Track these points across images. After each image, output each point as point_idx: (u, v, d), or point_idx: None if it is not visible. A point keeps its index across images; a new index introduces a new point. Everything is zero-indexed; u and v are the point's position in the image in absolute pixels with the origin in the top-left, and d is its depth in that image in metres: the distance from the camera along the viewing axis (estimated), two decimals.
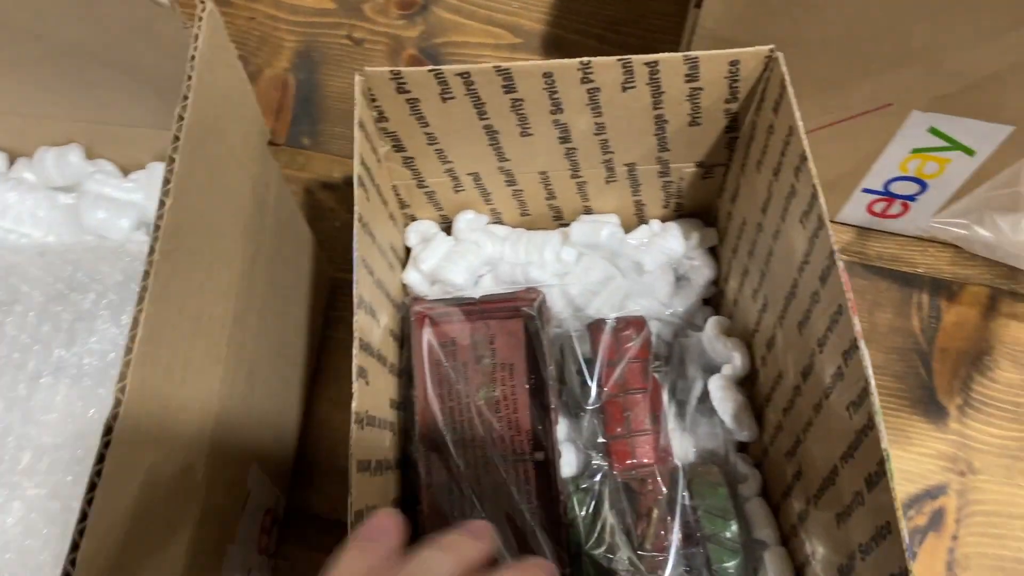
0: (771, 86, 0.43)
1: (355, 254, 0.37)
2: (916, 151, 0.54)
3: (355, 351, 0.36)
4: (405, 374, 0.49)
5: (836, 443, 0.38)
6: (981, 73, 0.47)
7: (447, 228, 0.55)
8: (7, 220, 0.47)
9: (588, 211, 0.55)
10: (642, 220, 0.56)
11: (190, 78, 0.33)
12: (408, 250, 0.55)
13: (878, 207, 0.61)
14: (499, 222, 0.56)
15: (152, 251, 0.30)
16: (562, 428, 0.50)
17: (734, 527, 0.45)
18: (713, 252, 0.56)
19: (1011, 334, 0.61)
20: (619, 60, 0.42)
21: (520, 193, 0.53)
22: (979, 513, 0.56)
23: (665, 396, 0.51)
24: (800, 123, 0.40)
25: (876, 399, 0.34)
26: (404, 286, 0.53)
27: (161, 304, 0.31)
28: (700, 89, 0.44)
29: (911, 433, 0.59)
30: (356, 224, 0.38)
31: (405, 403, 0.49)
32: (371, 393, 0.39)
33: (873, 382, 0.35)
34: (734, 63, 0.42)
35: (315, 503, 0.57)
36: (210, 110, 0.35)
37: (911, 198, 0.59)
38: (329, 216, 0.67)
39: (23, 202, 0.48)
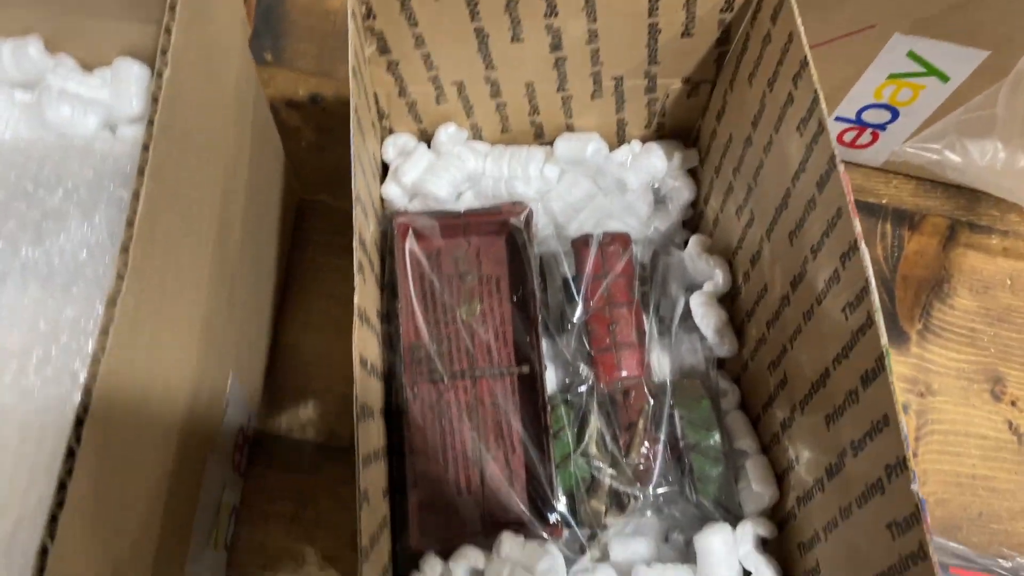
0: None
1: (352, 149, 0.36)
2: (893, 76, 0.55)
3: (355, 246, 0.34)
4: (388, 287, 0.48)
5: (828, 346, 0.39)
6: None
7: (426, 143, 0.54)
8: None
9: (570, 129, 0.54)
10: (623, 141, 0.56)
11: None
12: (384, 166, 0.53)
13: (848, 136, 0.62)
14: (479, 139, 0.55)
15: (151, 123, 0.28)
16: (544, 346, 0.50)
17: (717, 437, 0.46)
18: (692, 175, 0.56)
19: (969, 263, 0.63)
20: None
21: (503, 107, 0.51)
22: (937, 432, 0.58)
23: (646, 315, 0.51)
24: (801, 28, 0.40)
25: (876, 297, 0.35)
26: (383, 201, 0.52)
27: (158, 183, 0.30)
28: None
29: None
30: (352, 118, 0.37)
31: (389, 316, 0.48)
32: (366, 293, 0.38)
33: (873, 281, 0.35)
34: None
35: (282, 425, 0.55)
36: None
37: (882, 127, 0.60)
38: (295, 135, 0.64)
39: None
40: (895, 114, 0.59)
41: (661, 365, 0.51)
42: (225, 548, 0.50)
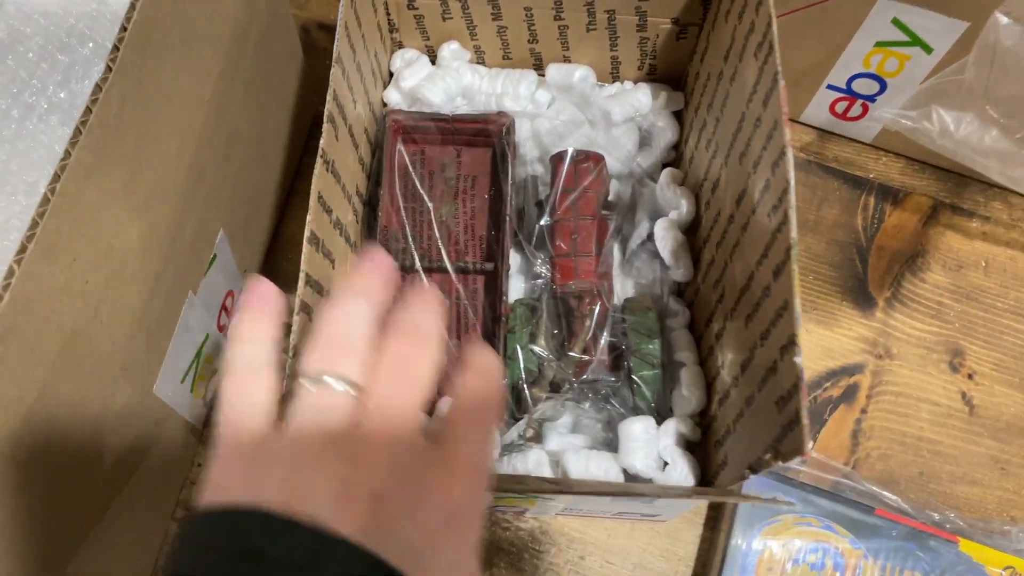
0: None
1: (340, 15, 0.40)
2: (879, 44, 0.58)
3: (328, 99, 0.39)
4: (374, 176, 0.52)
5: (756, 250, 0.42)
6: None
7: (433, 60, 0.58)
8: None
9: (567, 62, 0.58)
10: (617, 80, 0.59)
11: None
12: (392, 76, 0.58)
13: (840, 107, 0.65)
14: (481, 64, 0.59)
15: None
16: (515, 263, 0.54)
17: (657, 344, 0.49)
18: (678, 118, 0.59)
19: (946, 242, 0.65)
20: None
21: (504, 31, 0.56)
22: (890, 393, 0.60)
23: (616, 247, 0.55)
24: None
25: (793, 197, 0.38)
26: (384, 105, 0.56)
27: (155, 6, 0.34)
28: None
29: (839, 316, 0.63)
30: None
31: (371, 201, 0.52)
32: (336, 147, 0.42)
33: (793, 182, 0.38)
34: None
35: None
36: None
37: (871, 99, 0.63)
38: (321, 55, 0.69)
39: None
40: (883, 85, 0.61)
41: (624, 288, 0.54)
42: (205, 405, 0.55)
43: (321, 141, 0.38)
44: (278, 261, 0.61)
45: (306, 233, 0.36)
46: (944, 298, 0.63)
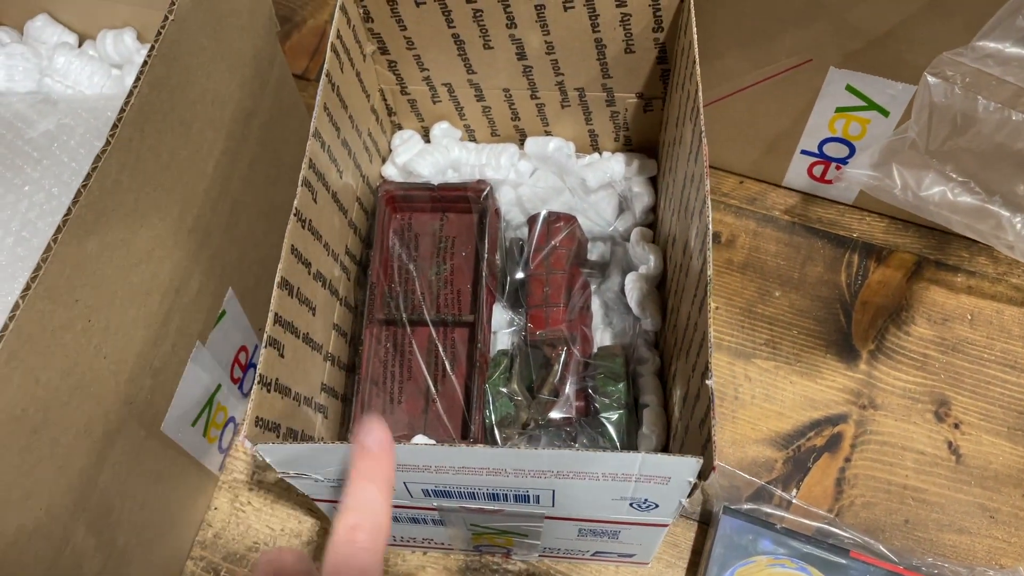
0: (688, 14, 0.51)
1: (318, 98, 0.47)
2: (840, 110, 0.62)
3: (303, 165, 0.45)
4: (366, 241, 0.58)
5: (691, 292, 0.46)
6: (880, 29, 0.54)
7: (428, 139, 0.65)
8: (69, 79, 0.59)
9: (549, 135, 0.64)
10: (596, 150, 0.65)
11: None
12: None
13: (817, 171, 0.68)
14: (472, 140, 0.65)
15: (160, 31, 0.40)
16: (501, 318, 0.59)
17: (622, 387, 0.52)
18: (653, 184, 0.64)
19: (930, 296, 0.67)
20: None
21: (488, 111, 0.62)
22: (874, 442, 0.62)
23: (596, 301, 0.59)
24: (695, 35, 0.48)
25: (711, 238, 0.42)
26: (382, 178, 0.63)
27: (155, 91, 0.41)
28: (629, 15, 0.53)
29: (822, 368, 0.65)
30: (323, 80, 0.48)
31: (363, 262, 0.58)
32: (313, 207, 0.48)
33: (711, 226, 0.42)
34: None
35: None
36: None
37: (844, 161, 0.66)
38: None
39: (83, 69, 0.60)
40: (851, 148, 0.65)
41: (603, 339, 0.58)
42: (220, 449, 0.60)
43: (295, 201, 0.44)
44: None
45: (277, 279, 0.42)
46: (929, 350, 0.65)
